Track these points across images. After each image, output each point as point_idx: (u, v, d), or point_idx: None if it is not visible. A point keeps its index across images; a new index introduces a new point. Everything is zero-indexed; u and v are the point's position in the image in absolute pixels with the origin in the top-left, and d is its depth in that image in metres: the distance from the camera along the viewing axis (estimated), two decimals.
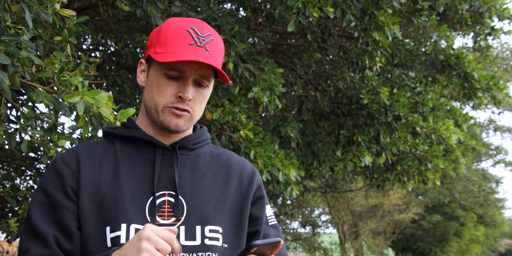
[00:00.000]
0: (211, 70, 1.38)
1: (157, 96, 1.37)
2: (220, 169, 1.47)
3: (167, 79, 1.36)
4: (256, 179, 1.50)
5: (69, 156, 1.38)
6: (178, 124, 1.37)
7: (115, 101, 4.15)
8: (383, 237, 23.03)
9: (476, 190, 15.46)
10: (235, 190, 1.44)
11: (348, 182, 12.11)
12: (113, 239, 1.27)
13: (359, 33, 4.37)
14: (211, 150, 1.51)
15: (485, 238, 26.14)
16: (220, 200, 1.40)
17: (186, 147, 1.43)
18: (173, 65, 1.35)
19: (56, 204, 1.31)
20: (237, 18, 4.78)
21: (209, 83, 1.41)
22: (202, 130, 1.51)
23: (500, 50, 12.47)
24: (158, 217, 1.32)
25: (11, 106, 2.62)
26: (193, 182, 1.39)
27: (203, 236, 1.34)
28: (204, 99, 1.41)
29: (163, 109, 1.36)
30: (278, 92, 3.68)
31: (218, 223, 1.37)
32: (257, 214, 1.46)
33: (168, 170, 1.38)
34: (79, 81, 2.03)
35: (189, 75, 1.35)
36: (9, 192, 3.56)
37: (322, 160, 5.50)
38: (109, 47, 5.75)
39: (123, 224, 1.28)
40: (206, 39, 1.37)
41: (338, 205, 17.99)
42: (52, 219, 1.30)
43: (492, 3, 5.46)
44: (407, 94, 5.52)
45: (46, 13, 2.02)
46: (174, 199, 1.35)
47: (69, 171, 1.34)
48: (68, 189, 1.32)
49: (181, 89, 1.36)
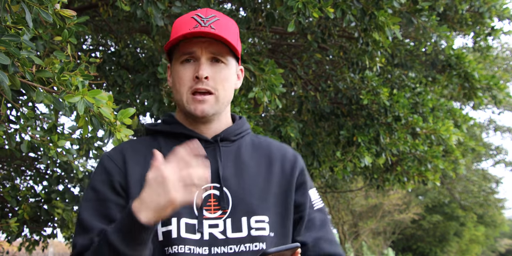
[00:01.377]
0: (224, 47, 1.38)
1: (178, 85, 1.39)
2: (262, 158, 1.46)
3: (183, 65, 1.38)
4: (298, 165, 1.49)
5: (114, 153, 1.40)
6: (204, 110, 1.36)
7: (115, 101, 4.15)
8: (383, 237, 23.02)
9: (476, 190, 15.46)
10: (278, 177, 1.44)
11: (348, 182, 12.11)
12: (165, 233, 1.30)
13: (359, 33, 4.37)
14: (252, 140, 1.51)
15: (485, 238, 26.14)
16: (264, 189, 1.40)
17: (227, 139, 1.43)
18: (184, 50, 1.37)
19: (104, 198, 1.33)
20: (237, 18, 4.77)
21: (227, 61, 1.40)
22: (242, 121, 1.51)
23: (500, 50, 12.47)
24: (205, 211, 1.34)
25: (11, 106, 2.63)
26: (237, 173, 1.40)
27: (249, 227, 1.34)
28: (226, 78, 1.40)
29: (187, 98, 1.37)
30: (279, 92, 3.68)
31: (264, 213, 1.37)
32: (300, 200, 1.45)
33: (212, 163, 1.37)
34: (79, 81, 2.03)
35: (200, 54, 1.36)
36: (9, 192, 3.56)
37: (322, 160, 5.49)
38: (109, 47, 5.75)
39: (174, 218, 1.30)
40: (210, 20, 1.38)
41: (338, 205, 17.98)
42: (100, 214, 1.31)
43: (492, 3, 5.46)
44: (407, 94, 5.52)
45: (47, 13, 2.02)
46: (219, 192, 1.36)
47: (115, 168, 1.36)
48: (116, 184, 1.34)
49: (196, 69, 1.36)
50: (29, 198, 3.74)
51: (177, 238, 1.29)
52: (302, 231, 1.44)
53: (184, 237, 1.30)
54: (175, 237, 1.29)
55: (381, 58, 4.96)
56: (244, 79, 3.83)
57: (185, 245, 1.29)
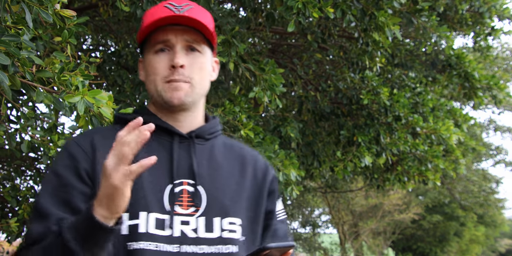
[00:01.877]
0: (199, 34, 1.33)
1: (152, 76, 1.32)
2: (235, 160, 1.42)
3: (157, 55, 1.32)
4: (270, 172, 1.47)
5: (82, 139, 1.32)
6: (180, 97, 1.31)
7: (115, 101, 4.14)
8: (383, 237, 23.02)
9: (476, 190, 15.46)
10: (250, 182, 1.40)
11: (348, 182, 12.11)
12: (131, 227, 1.22)
13: (359, 34, 4.37)
14: (224, 141, 1.47)
15: (485, 238, 26.12)
16: (237, 191, 1.36)
17: (202, 137, 1.39)
18: (158, 38, 1.32)
19: (66, 184, 1.24)
20: (237, 18, 4.78)
21: (202, 49, 1.36)
22: (216, 120, 1.46)
23: (500, 50, 12.47)
24: (177, 206, 1.27)
25: (11, 106, 2.62)
26: (210, 172, 1.35)
27: (222, 228, 1.29)
28: (202, 66, 1.35)
29: (163, 87, 1.31)
30: (279, 92, 3.68)
31: (236, 215, 1.33)
32: (270, 207, 1.43)
33: (186, 159, 1.33)
34: (79, 81, 2.03)
35: (175, 42, 1.31)
36: (9, 192, 3.56)
37: (322, 160, 5.49)
38: (109, 47, 5.76)
39: (143, 212, 1.24)
40: (184, 8, 1.33)
41: (338, 205, 17.98)
42: (60, 200, 1.22)
43: (492, 3, 5.46)
44: (407, 94, 5.52)
45: (47, 14, 2.02)
46: (193, 189, 1.30)
47: (82, 153, 1.27)
48: (81, 171, 1.25)
49: (171, 58, 1.31)
50: (29, 198, 3.74)
51: (145, 233, 1.22)
52: (268, 239, 1.42)
53: (152, 233, 1.23)
54: (142, 233, 1.22)
55: (381, 58, 4.96)
56: (244, 79, 3.84)
57: (152, 241, 1.22)
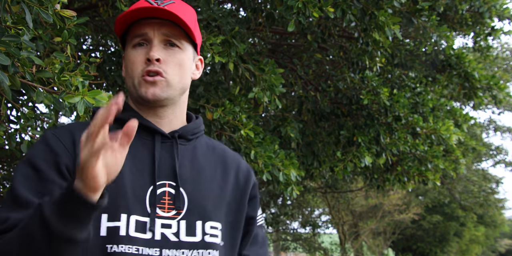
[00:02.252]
0: (178, 29, 1.29)
1: (130, 70, 1.29)
2: (217, 163, 1.39)
3: (135, 49, 1.29)
4: (252, 177, 1.44)
5: (62, 134, 1.25)
6: (155, 93, 1.26)
7: None
8: (383, 237, 23.03)
9: (476, 190, 15.45)
10: (231, 186, 1.37)
11: (348, 183, 12.11)
12: (110, 229, 1.18)
13: (359, 33, 4.37)
14: (206, 142, 1.42)
15: (485, 239, 26.14)
16: (218, 195, 1.33)
17: (184, 137, 1.34)
18: (135, 32, 1.29)
19: (46, 179, 1.18)
20: (237, 18, 4.78)
21: (182, 45, 1.31)
22: (199, 120, 1.42)
23: (500, 50, 12.47)
24: (159, 209, 1.24)
25: (11, 107, 2.62)
26: (193, 174, 1.31)
27: (204, 232, 1.26)
28: (180, 62, 1.30)
29: (139, 81, 1.27)
30: (279, 92, 3.68)
31: (218, 219, 1.30)
32: (251, 213, 1.41)
33: (168, 159, 1.29)
34: (79, 81, 2.03)
35: (152, 36, 1.28)
36: None
37: (322, 161, 5.49)
38: (109, 48, 5.75)
39: (124, 214, 1.19)
40: (165, 2, 1.29)
41: (338, 205, 17.98)
42: (39, 194, 1.15)
43: (493, 3, 5.46)
44: (407, 94, 5.52)
45: (47, 14, 2.02)
46: (174, 191, 1.26)
47: (63, 149, 1.22)
48: (62, 167, 1.20)
49: (147, 51, 1.28)
50: None
51: (125, 236, 1.18)
52: (248, 246, 1.40)
53: (133, 236, 1.19)
54: (123, 236, 1.18)
55: (381, 58, 4.96)
56: (244, 79, 3.83)
57: (133, 245, 1.18)
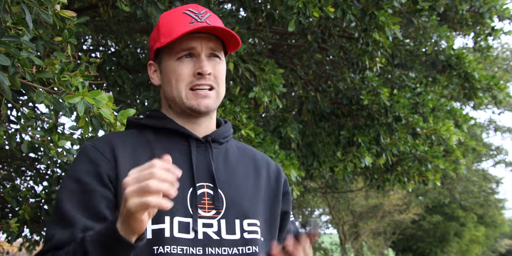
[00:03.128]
0: (219, 41, 1.38)
1: (176, 82, 1.36)
2: (249, 163, 1.46)
3: (181, 62, 1.36)
4: (282, 175, 1.51)
5: (101, 144, 1.33)
6: (208, 105, 1.35)
7: (115, 101, 4.15)
8: (383, 237, 23.01)
9: (476, 190, 15.45)
10: (265, 185, 1.44)
11: (348, 183, 12.10)
12: (155, 231, 1.23)
13: (360, 34, 4.37)
14: (236, 144, 1.51)
15: (486, 239, 26.11)
16: (253, 193, 1.40)
17: (217, 141, 1.42)
18: (182, 46, 1.35)
19: (90, 190, 1.24)
20: (238, 18, 4.78)
21: (222, 56, 1.41)
22: (229, 125, 1.50)
23: (501, 50, 12.46)
24: (199, 209, 1.29)
25: (12, 107, 2.62)
26: (228, 175, 1.38)
27: (242, 230, 1.32)
28: (223, 73, 1.40)
29: (187, 94, 1.35)
30: (279, 92, 3.68)
31: (255, 216, 1.36)
32: (285, 209, 1.48)
33: (204, 162, 1.36)
34: (79, 81, 2.03)
35: (200, 50, 1.35)
36: (10, 192, 3.56)
37: (322, 161, 5.49)
38: (110, 48, 5.75)
39: (167, 216, 1.25)
40: (204, 15, 1.38)
41: (338, 205, 17.97)
42: (85, 207, 1.22)
43: (493, 3, 5.46)
44: (407, 94, 5.52)
45: (46, 14, 2.02)
46: (213, 192, 1.33)
47: (103, 159, 1.28)
48: (104, 176, 1.26)
49: (198, 65, 1.35)
50: (30, 198, 3.73)
51: (170, 237, 1.24)
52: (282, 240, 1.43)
53: (177, 236, 1.25)
54: (168, 237, 1.24)
55: (381, 58, 4.96)
56: (244, 79, 3.83)
57: (177, 245, 1.24)
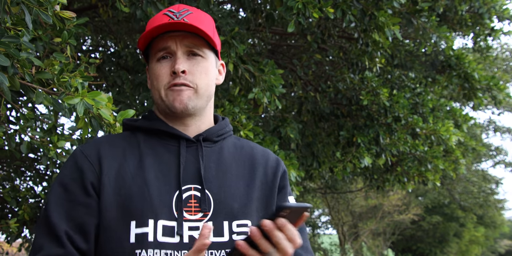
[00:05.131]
0: (199, 39, 1.34)
1: (156, 83, 1.34)
2: (245, 161, 1.42)
3: (160, 62, 1.34)
4: (280, 169, 1.46)
5: (89, 149, 1.33)
6: (182, 101, 1.32)
7: (115, 102, 4.15)
8: (383, 238, 23.01)
9: (476, 191, 15.46)
10: (260, 182, 1.40)
11: (348, 183, 12.11)
12: (138, 235, 1.22)
13: (359, 34, 4.37)
14: (234, 142, 1.47)
15: (485, 239, 26.12)
16: (246, 193, 1.36)
17: (209, 139, 1.39)
18: (159, 46, 1.34)
19: (74, 200, 1.26)
20: (237, 19, 4.78)
21: (204, 54, 1.36)
22: (225, 122, 1.47)
23: (500, 51, 12.46)
24: (185, 212, 1.27)
25: (11, 107, 2.62)
26: (218, 175, 1.35)
27: (231, 231, 1.29)
28: (205, 70, 1.36)
29: (166, 93, 1.33)
30: (278, 93, 3.68)
31: (245, 217, 1.32)
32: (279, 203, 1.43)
33: (193, 163, 1.33)
34: (79, 82, 2.03)
35: (176, 48, 1.33)
36: (9, 193, 3.56)
37: (322, 161, 5.49)
38: (109, 48, 5.75)
39: (151, 220, 1.23)
40: (183, 14, 1.35)
41: (338, 206, 17.98)
42: (68, 216, 1.25)
43: (492, 4, 5.47)
44: (407, 95, 5.52)
45: (46, 15, 2.02)
46: (200, 194, 1.30)
47: (88, 165, 1.29)
48: (87, 184, 1.27)
49: (172, 64, 1.33)
50: (29, 199, 3.73)
51: (153, 242, 1.22)
52: None
53: (161, 241, 1.23)
54: (151, 241, 1.21)
55: (381, 58, 4.96)
56: (243, 80, 3.83)
57: (161, 249, 1.22)
